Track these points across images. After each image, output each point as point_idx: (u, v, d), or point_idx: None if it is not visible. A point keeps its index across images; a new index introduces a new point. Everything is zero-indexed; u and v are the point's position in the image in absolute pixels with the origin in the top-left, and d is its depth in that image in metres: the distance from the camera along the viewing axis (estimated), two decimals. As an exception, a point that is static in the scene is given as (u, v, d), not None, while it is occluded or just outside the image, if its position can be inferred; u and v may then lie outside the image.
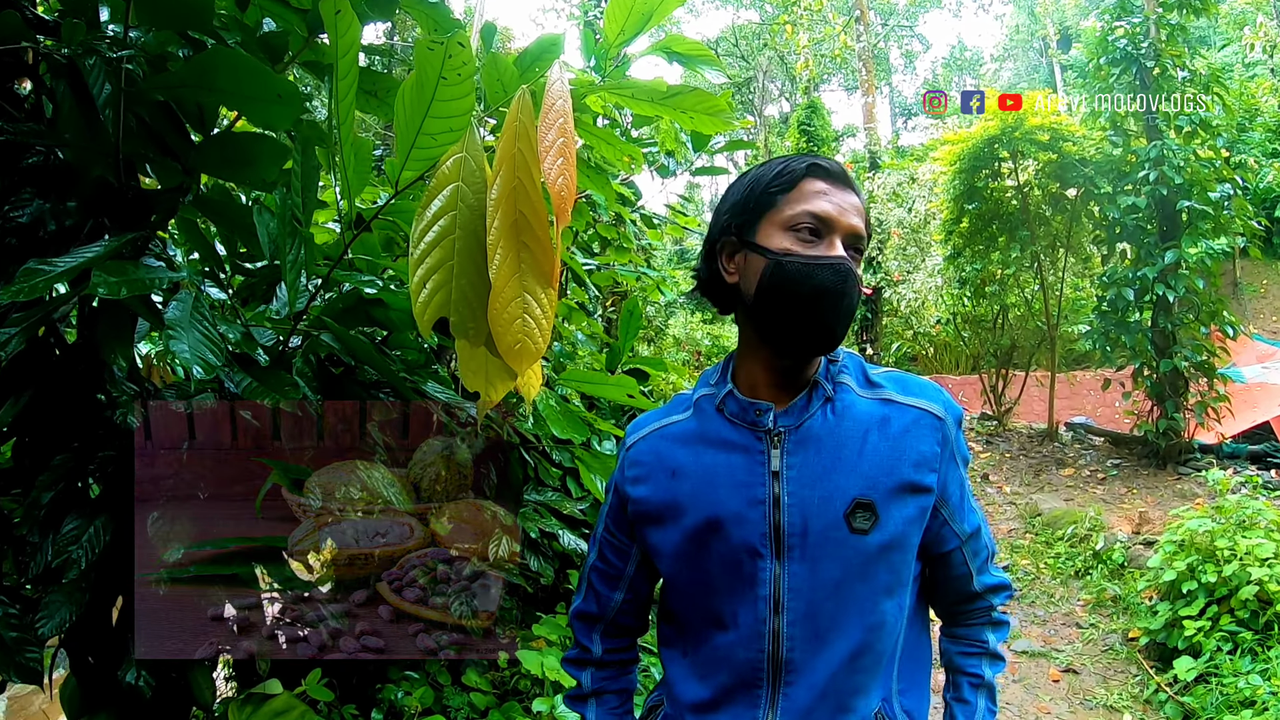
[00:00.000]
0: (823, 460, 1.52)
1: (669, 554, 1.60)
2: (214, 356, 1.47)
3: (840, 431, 1.54)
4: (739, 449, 1.56)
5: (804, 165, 1.53)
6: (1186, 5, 9.67)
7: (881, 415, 1.56)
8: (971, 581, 1.67)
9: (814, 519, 1.49)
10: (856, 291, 1.49)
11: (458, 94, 1.44)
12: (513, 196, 1.37)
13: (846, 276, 1.46)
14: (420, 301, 1.37)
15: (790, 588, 1.48)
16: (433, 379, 2.13)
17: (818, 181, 1.51)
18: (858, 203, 1.53)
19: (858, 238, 1.51)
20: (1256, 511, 5.68)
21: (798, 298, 1.46)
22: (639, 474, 1.66)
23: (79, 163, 1.71)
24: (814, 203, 1.49)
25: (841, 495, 1.49)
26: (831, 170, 1.53)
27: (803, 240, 1.48)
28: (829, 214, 1.48)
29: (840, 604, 1.48)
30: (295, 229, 1.72)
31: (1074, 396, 14.83)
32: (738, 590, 1.51)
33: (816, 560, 1.48)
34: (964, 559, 1.65)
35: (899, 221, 15.01)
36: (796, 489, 1.50)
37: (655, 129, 3.73)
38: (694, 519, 1.56)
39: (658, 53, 2.10)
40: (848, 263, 1.46)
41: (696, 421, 1.64)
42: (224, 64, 1.60)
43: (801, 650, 1.48)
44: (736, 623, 1.52)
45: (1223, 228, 9.58)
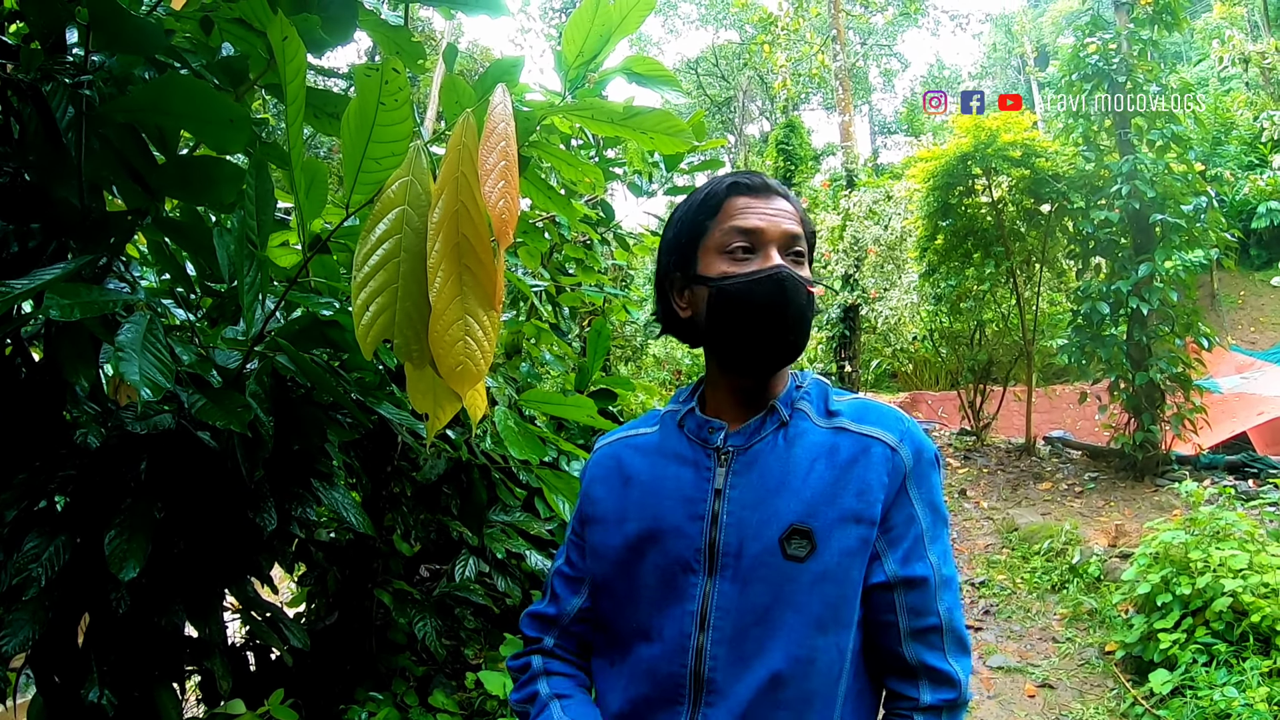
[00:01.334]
0: (767, 484, 1.51)
1: (607, 558, 1.61)
2: (163, 379, 1.48)
3: (789, 458, 1.53)
4: (689, 464, 1.58)
5: (725, 186, 1.55)
6: (1158, 21, 9.77)
7: (832, 444, 1.55)
8: (900, 643, 1.51)
9: (750, 541, 1.48)
10: (804, 294, 1.50)
11: (396, 119, 1.45)
12: (455, 219, 1.38)
13: (786, 283, 1.47)
14: (363, 324, 1.38)
15: (718, 606, 1.48)
16: (388, 400, 2.14)
17: (741, 198, 1.53)
18: (788, 207, 1.55)
19: (794, 239, 1.53)
20: (1230, 523, 5.71)
21: (745, 316, 1.49)
22: (596, 476, 1.69)
23: (43, 184, 1.73)
24: (741, 220, 1.51)
25: (779, 520, 1.48)
26: (753, 184, 1.55)
27: (738, 259, 1.50)
28: (758, 226, 1.50)
29: (767, 630, 1.46)
30: (251, 251, 1.74)
31: (1052, 410, 14.89)
32: (668, 603, 1.51)
33: (747, 582, 1.47)
34: (893, 606, 1.50)
35: (875, 239, 15.07)
36: (736, 509, 1.51)
37: (624, 150, 3.75)
38: (636, 526, 1.57)
39: (620, 74, 2.12)
40: (785, 269, 1.48)
41: (659, 435, 1.67)
42: (178, 88, 1.62)
43: (724, 671, 1.46)
44: (662, 635, 1.51)
45: (1196, 240, 9.64)
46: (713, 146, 3.41)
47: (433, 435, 1.68)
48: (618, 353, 13.91)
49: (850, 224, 15.52)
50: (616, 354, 13.76)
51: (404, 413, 2.14)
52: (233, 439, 1.85)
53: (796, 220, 1.55)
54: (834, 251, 16.05)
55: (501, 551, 3.16)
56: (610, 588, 1.62)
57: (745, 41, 35.55)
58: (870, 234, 15.19)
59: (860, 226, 15.36)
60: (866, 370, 19.05)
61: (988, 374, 12.82)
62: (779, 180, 1.95)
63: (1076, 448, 11.55)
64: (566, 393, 2.95)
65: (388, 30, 2.06)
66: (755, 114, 44.50)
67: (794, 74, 24.74)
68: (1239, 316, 23.78)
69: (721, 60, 41.02)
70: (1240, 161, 23.80)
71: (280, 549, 2.41)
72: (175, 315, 2.02)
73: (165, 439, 1.86)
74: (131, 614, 1.89)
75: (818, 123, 54.75)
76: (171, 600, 2.00)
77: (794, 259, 1.52)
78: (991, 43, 48.04)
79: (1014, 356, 12.27)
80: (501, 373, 2.92)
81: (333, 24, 1.90)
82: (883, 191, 15.42)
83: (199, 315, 2.14)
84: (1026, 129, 10.62)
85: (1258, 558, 5.33)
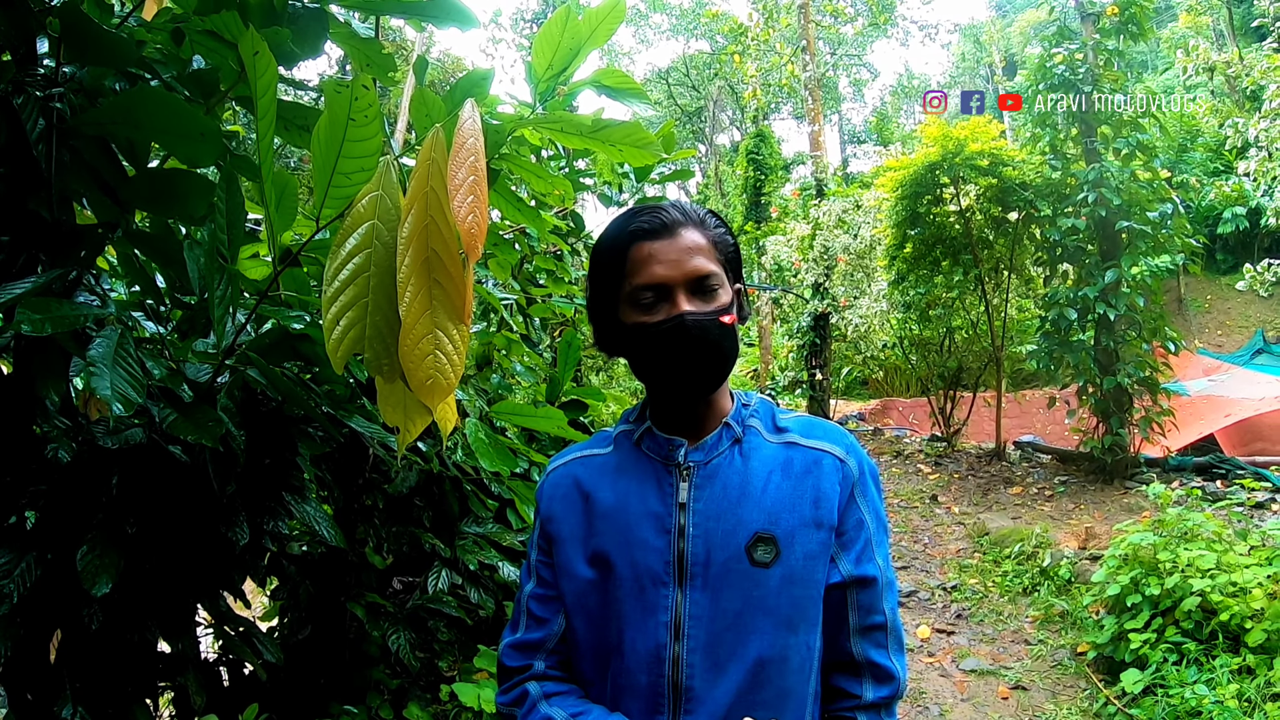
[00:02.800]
0: (728, 495, 1.57)
1: (578, 574, 1.63)
2: (135, 393, 1.47)
3: (746, 470, 1.60)
4: (651, 480, 1.62)
5: (627, 233, 1.58)
6: (1124, 31, 9.90)
7: (785, 457, 1.62)
8: (850, 639, 1.59)
9: (716, 550, 1.53)
10: (714, 330, 1.54)
11: (366, 134, 1.46)
12: (424, 234, 1.39)
13: (692, 329, 1.52)
14: (333, 338, 1.39)
15: (691, 615, 1.52)
16: (360, 414, 2.14)
17: (645, 245, 1.56)
18: (693, 240, 1.57)
19: (703, 279, 1.55)
20: (1197, 524, 5.78)
21: (658, 362, 1.56)
22: (556, 495, 1.71)
23: (13, 197, 1.72)
24: (644, 272, 1.55)
25: (744, 529, 1.54)
26: (653, 227, 1.57)
27: (647, 309, 1.55)
28: (660, 276, 1.54)
29: (740, 635, 1.51)
30: (221, 264, 1.74)
31: (1023, 416, 15.00)
32: (641, 616, 1.54)
33: (718, 590, 1.52)
34: (846, 602, 1.59)
35: (845, 247, 15.12)
36: (701, 520, 1.55)
37: (594, 161, 3.76)
38: (603, 543, 1.60)
39: (589, 86, 2.13)
40: (689, 316, 1.52)
41: (616, 456, 1.70)
42: (148, 101, 1.62)
43: (701, 679, 1.50)
44: (637, 648, 1.54)
45: (1163, 246, 9.78)
46: (683, 156, 3.42)
47: (403, 449, 1.68)
48: (589, 363, 13.89)
49: (820, 233, 15.57)
50: (588, 364, 13.74)
51: (375, 426, 2.14)
52: (204, 453, 1.84)
53: (705, 252, 1.57)
54: (804, 260, 16.10)
55: (474, 563, 3.15)
56: (583, 606, 1.63)
57: (716, 52, 35.75)
58: (840, 243, 15.24)
59: (830, 235, 15.41)
60: (838, 378, 19.12)
61: (958, 380, 12.92)
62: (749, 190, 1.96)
63: (1046, 452, 11.64)
64: (538, 404, 2.96)
65: (358, 42, 2.07)
66: (726, 123, 44.69)
67: (764, 84, 24.84)
68: (1206, 320, 24.07)
69: (692, 70, 41.22)
70: (1206, 168, 24.11)
71: (253, 563, 2.39)
72: (145, 328, 2.02)
73: (137, 453, 1.86)
74: (104, 630, 1.88)
75: (788, 132, 54.92)
76: (144, 616, 1.99)
77: (703, 296, 1.55)
78: (960, 52, 48.44)
79: (983, 363, 12.37)
80: (473, 384, 2.92)
81: (303, 37, 1.90)
82: (852, 200, 15.49)
83: (169, 328, 2.14)
84: (994, 138, 10.73)
85: (1225, 557, 5.40)
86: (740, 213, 25.18)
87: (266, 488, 2.09)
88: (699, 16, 34.85)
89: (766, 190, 24.19)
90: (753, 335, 24.53)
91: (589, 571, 1.61)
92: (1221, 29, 29.22)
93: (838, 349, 17.27)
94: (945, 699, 5.71)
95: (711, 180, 39.51)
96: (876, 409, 18.40)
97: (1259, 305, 23.17)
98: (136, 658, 2.06)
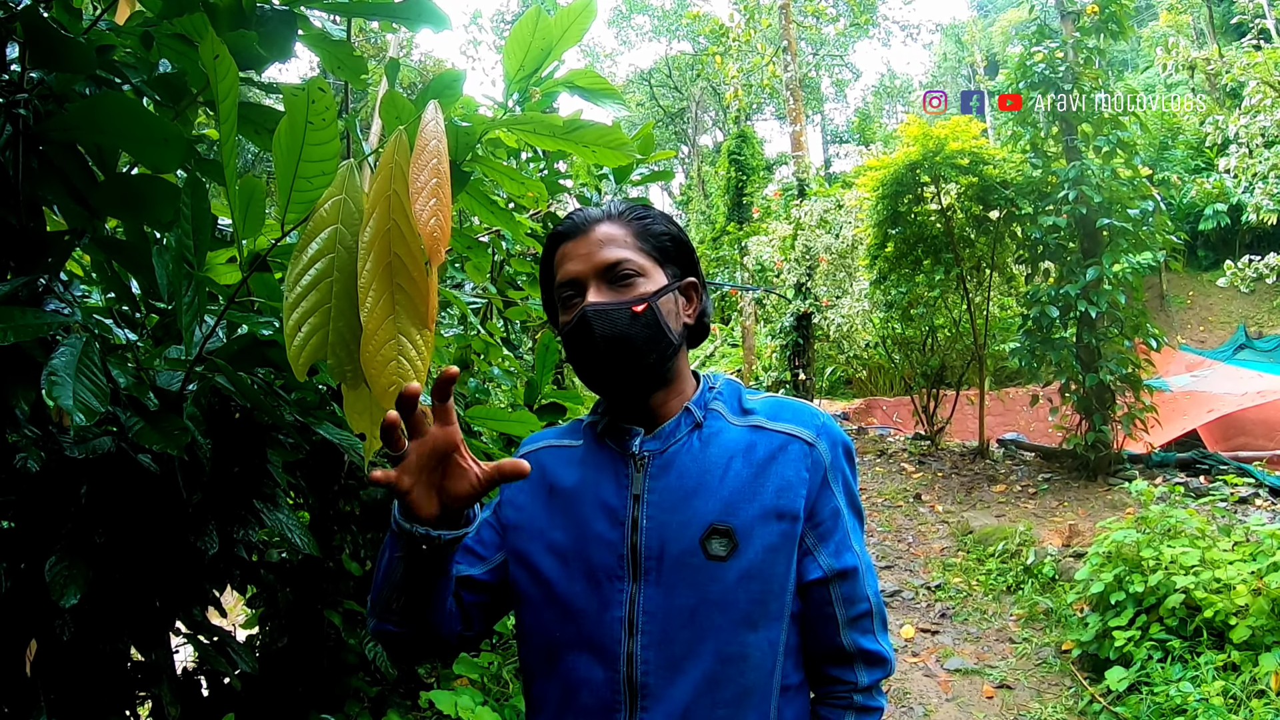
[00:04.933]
0: (685, 485, 1.54)
1: (535, 566, 1.60)
2: (97, 403, 1.45)
3: (705, 458, 1.57)
4: (609, 471, 1.60)
5: (550, 241, 1.64)
6: (1105, 29, 9.93)
7: (748, 442, 1.58)
8: (839, 633, 1.57)
9: (670, 543, 1.50)
10: (621, 321, 1.52)
11: (324, 138, 1.44)
12: (387, 238, 1.37)
13: (592, 320, 1.52)
14: (295, 345, 1.37)
15: (645, 611, 1.49)
16: (329, 420, 2.11)
17: (562, 246, 1.61)
18: (608, 233, 1.59)
19: (613, 266, 1.56)
20: (1180, 520, 5.79)
21: (575, 359, 1.58)
22: (522, 486, 1.69)
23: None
24: (561, 270, 1.60)
25: (699, 521, 1.50)
26: (567, 229, 1.62)
27: (569, 307, 1.57)
28: (573, 273, 1.57)
29: (696, 632, 1.48)
30: (188, 271, 1.71)
31: (1006, 413, 15.05)
32: (595, 611, 1.52)
33: (672, 585, 1.49)
34: (830, 598, 1.57)
35: (827, 247, 15.16)
36: (656, 513, 1.52)
37: (572, 163, 3.75)
38: (559, 536, 1.58)
39: (563, 87, 2.12)
40: (591, 307, 1.52)
41: (583, 447, 1.68)
42: (111, 107, 1.59)
43: (656, 676, 1.47)
44: (592, 644, 1.51)
45: (1144, 243, 9.79)
46: (663, 157, 3.41)
47: (370, 455, 1.66)
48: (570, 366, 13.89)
49: (802, 233, 15.61)
50: (569, 367, 13.75)
51: (345, 433, 2.11)
52: (173, 462, 1.82)
53: (619, 242, 1.58)
54: (786, 260, 16.14)
55: (453, 569, 3.13)
56: (537, 597, 1.60)
57: (698, 53, 35.76)
58: (822, 242, 15.28)
59: (812, 235, 15.45)
60: (821, 377, 19.16)
61: (940, 379, 12.95)
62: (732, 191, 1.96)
63: (1029, 449, 11.67)
64: (516, 407, 2.94)
65: (330, 45, 2.04)
66: (708, 124, 44.78)
67: (746, 85, 24.88)
68: (1188, 316, 24.24)
69: (674, 71, 41.28)
70: (1187, 165, 24.30)
71: (227, 571, 2.37)
72: (119, 335, 1.99)
73: (106, 463, 1.83)
74: (76, 641, 1.86)
75: (770, 133, 55.11)
76: (116, 627, 1.97)
77: (615, 288, 1.56)
78: (942, 52, 48.67)
79: (966, 361, 12.40)
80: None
81: (271, 40, 1.88)
82: (834, 200, 15.52)
83: (144, 334, 2.11)
84: (974, 137, 10.75)
85: (1209, 554, 5.41)
86: (723, 213, 25.24)
87: (237, 496, 2.06)
88: (681, 18, 34.91)
89: (749, 191, 24.22)
90: (736, 335, 24.59)
91: (547, 563, 1.58)
92: (1202, 27, 29.42)
93: (820, 349, 17.33)
94: (930, 699, 5.71)
95: (694, 181, 39.56)
96: (860, 408, 18.46)
97: (1240, 301, 23.36)
98: (110, 669, 2.04)
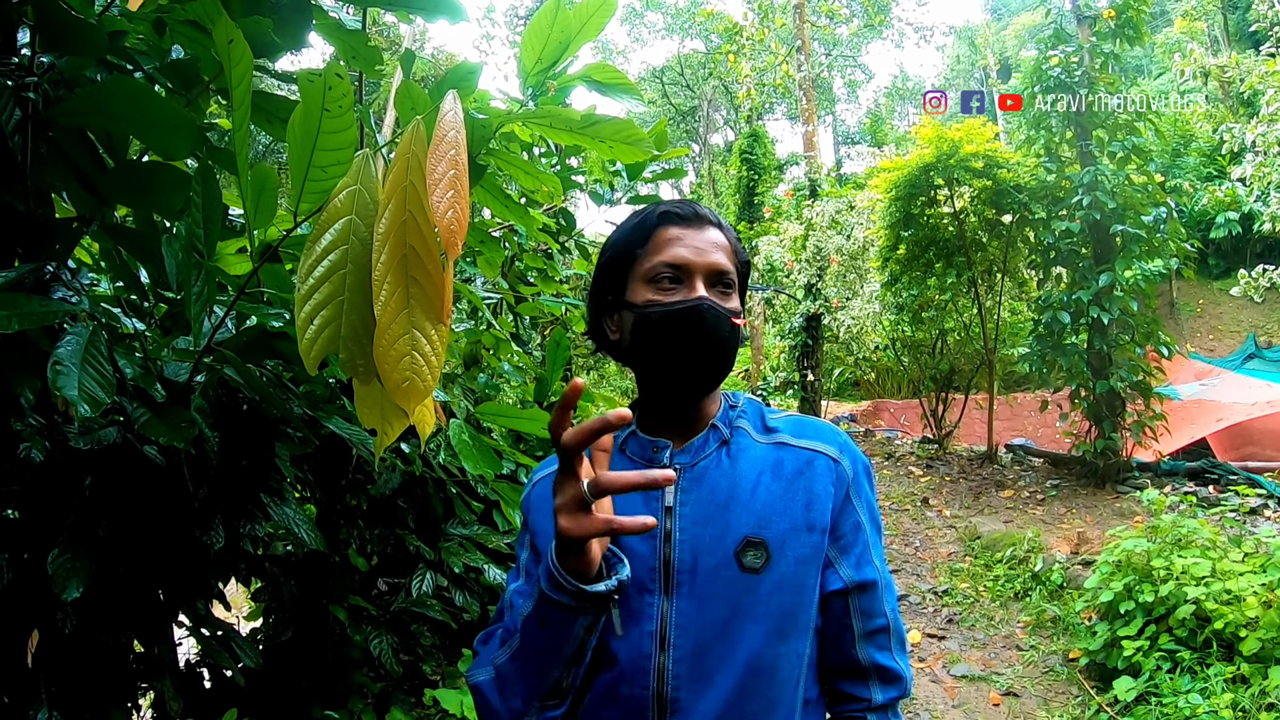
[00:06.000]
0: (716, 499, 1.52)
1: None
2: (103, 393, 1.42)
3: (735, 473, 1.55)
4: None
5: (657, 215, 1.58)
6: (1120, 35, 9.89)
7: (776, 459, 1.58)
8: (855, 646, 1.57)
9: (704, 556, 1.48)
10: (726, 325, 1.52)
11: (340, 126, 1.41)
12: (402, 230, 1.33)
13: (707, 314, 1.49)
14: (307, 338, 1.33)
15: (677, 624, 1.46)
16: (339, 414, 2.09)
17: (671, 229, 1.56)
18: (718, 238, 1.57)
19: (722, 274, 1.54)
20: (1191, 530, 5.75)
21: (665, 343, 1.51)
22: (543, 509, 1.65)
23: (-12, 189, 1.67)
24: (669, 251, 1.53)
25: (733, 533, 1.49)
26: (683, 214, 1.57)
27: (664, 289, 1.52)
28: (684, 259, 1.52)
29: (729, 644, 1.46)
30: (198, 260, 1.69)
31: (1014, 418, 15.00)
32: (625, 625, 1.48)
33: (705, 598, 1.47)
34: (848, 609, 1.57)
35: (838, 248, 15.10)
36: (688, 525, 1.50)
37: (585, 158, 3.72)
38: None
39: (580, 82, 2.09)
40: (707, 301, 1.49)
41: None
42: (122, 92, 1.57)
43: (687, 690, 1.45)
44: (620, 659, 1.48)
45: (1156, 250, 9.76)
46: (676, 155, 3.38)
47: (381, 451, 1.63)
48: (579, 362, 13.86)
49: (813, 233, 15.55)
50: (577, 363, 13.71)
51: (355, 427, 2.08)
52: (179, 454, 1.80)
53: (726, 252, 1.57)
54: (796, 261, 16.09)
55: (459, 566, 3.10)
56: None
57: (710, 51, 35.71)
58: (833, 243, 15.23)
59: (823, 236, 15.39)
60: (829, 379, 19.10)
61: (949, 382, 12.91)
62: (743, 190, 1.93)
63: (1038, 455, 11.63)
64: (525, 404, 2.92)
65: (344, 35, 2.01)
66: (720, 123, 44.69)
67: (759, 84, 24.84)
68: (1198, 324, 24.16)
69: (687, 69, 41.21)
70: (1199, 173, 24.22)
71: (231, 565, 2.34)
72: (126, 324, 1.97)
73: (111, 454, 1.81)
74: (79, 634, 1.84)
75: (782, 132, 54.82)
76: (119, 620, 1.94)
77: (720, 292, 1.55)
78: (955, 55, 48.59)
79: (975, 365, 12.37)
80: (459, 384, 2.87)
81: (285, 27, 1.85)
82: (845, 201, 15.47)
83: (153, 323, 2.09)
84: (988, 140, 10.71)
85: (1220, 565, 5.38)
86: (733, 213, 25.17)
87: (243, 489, 2.04)
88: (694, 15, 34.84)
89: (760, 190, 24.18)
90: (744, 335, 24.50)
91: None
92: (1216, 34, 29.34)
93: (829, 350, 17.28)
94: (936, 705, 5.67)
95: (705, 180, 39.52)
96: (868, 410, 18.41)
97: (1250, 310, 23.27)
98: (112, 662, 2.02)
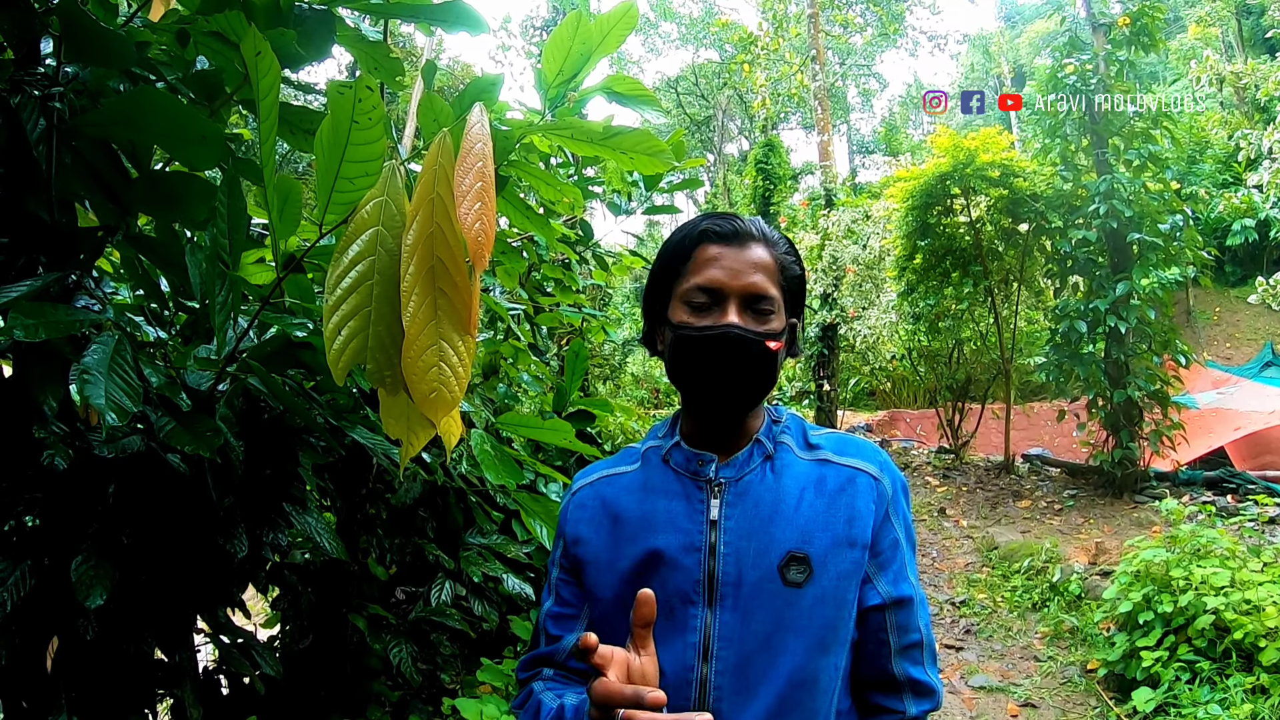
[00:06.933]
0: (760, 513, 1.53)
1: (605, 598, 1.59)
2: (130, 402, 1.44)
3: (779, 488, 1.56)
4: (680, 497, 1.58)
5: (697, 232, 1.58)
6: (1135, 42, 9.87)
7: (818, 475, 1.59)
8: (890, 660, 1.58)
9: (748, 569, 1.49)
10: (755, 350, 1.51)
11: (370, 138, 1.42)
12: (430, 241, 1.34)
13: (735, 343, 1.49)
14: (335, 349, 1.34)
15: (721, 636, 1.48)
16: (363, 424, 2.10)
17: (711, 247, 1.56)
18: (759, 257, 1.56)
19: (759, 296, 1.53)
20: (1211, 540, 5.72)
21: (693, 366, 1.54)
22: (581, 517, 1.67)
23: (13, 198, 1.68)
24: (705, 272, 1.54)
25: (777, 548, 1.50)
26: (723, 231, 1.57)
27: (696, 311, 1.53)
28: (718, 282, 1.52)
29: (771, 657, 1.47)
30: (222, 270, 1.70)
31: (1031, 428, 14.95)
32: (668, 637, 1.49)
33: (749, 611, 1.48)
34: (885, 625, 1.57)
35: (854, 258, 15.08)
36: (733, 539, 1.51)
37: (602, 169, 3.73)
38: (630, 563, 1.56)
39: (600, 93, 2.10)
40: (735, 330, 1.49)
41: (643, 473, 1.67)
42: (148, 103, 1.58)
43: (729, 701, 1.46)
44: (663, 670, 1.46)
45: (1173, 258, 9.72)
46: (692, 166, 3.39)
47: (406, 461, 1.64)
48: (596, 372, 13.86)
49: (829, 243, 15.53)
50: (595, 373, 13.72)
51: (378, 437, 2.10)
52: (203, 463, 1.81)
53: (768, 270, 1.56)
54: (812, 271, 16.06)
55: (478, 575, 3.11)
56: (609, 627, 1.57)
57: (725, 61, 35.72)
58: (848, 253, 15.21)
59: (839, 245, 15.37)
60: (845, 389, 19.05)
61: (966, 392, 12.88)
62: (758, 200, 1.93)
63: (1055, 465, 11.58)
64: (545, 414, 2.93)
65: (366, 46, 2.03)
66: (734, 133, 44.72)
67: (773, 93, 24.88)
68: (1215, 333, 24.04)
69: (701, 79, 41.24)
70: (1215, 180, 24.11)
71: (252, 573, 2.35)
72: (148, 333, 1.98)
73: (134, 462, 1.82)
74: (99, 640, 1.85)
75: (796, 142, 54.86)
76: (140, 627, 1.95)
77: (755, 314, 1.54)
78: (969, 63, 48.56)
79: (992, 374, 12.34)
80: (479, 394, 2.88)
81: (309, 39, 1.86)
82: (861, 211, 15.45)
83: (173, 332, 2.10)
84: (1005, 149, 10.69)
85: (1239, 575, 5.34)
86: (748, 222, 25.11)
87: (266, 498, 2.05)
88: (709, 26, 34.87)
89: (775, 200, 24.15)
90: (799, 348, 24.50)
91: (616, 592, 1.57)
92: (1230, 41, 29.25)
93: (845, 360, 17.23)
94: (954, 716, 5.65)
95: (720, 189, 39.48)
96: (884, 420, 18.36)
97: (1268, 318, 23.13)
98: (132, 668, 2.03)
